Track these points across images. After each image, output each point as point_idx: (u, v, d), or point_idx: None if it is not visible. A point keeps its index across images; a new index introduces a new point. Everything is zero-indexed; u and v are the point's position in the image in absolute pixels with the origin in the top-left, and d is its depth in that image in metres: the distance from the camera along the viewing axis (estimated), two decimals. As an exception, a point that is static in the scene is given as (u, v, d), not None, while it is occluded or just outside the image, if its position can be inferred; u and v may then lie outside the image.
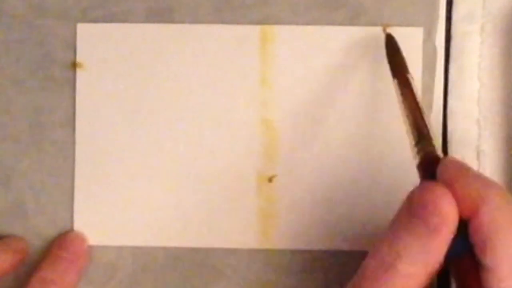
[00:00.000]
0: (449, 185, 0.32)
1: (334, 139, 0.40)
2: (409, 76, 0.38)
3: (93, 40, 0.41)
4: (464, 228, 0.31)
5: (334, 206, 0.40)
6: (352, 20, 0.41)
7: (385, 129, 0.40)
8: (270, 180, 0.41)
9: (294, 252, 0.41)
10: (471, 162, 0.40)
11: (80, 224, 0.41)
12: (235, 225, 0.41)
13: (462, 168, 0.32)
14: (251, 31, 0.41)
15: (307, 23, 0.41)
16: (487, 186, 0.31)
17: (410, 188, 0.40)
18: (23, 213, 0.41)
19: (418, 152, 0.35)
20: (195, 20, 0.41)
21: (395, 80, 0.38)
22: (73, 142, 0.41)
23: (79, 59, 0.41)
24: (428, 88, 0.40)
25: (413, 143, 0.35)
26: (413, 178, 0.40)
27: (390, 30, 0.40)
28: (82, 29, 0.41)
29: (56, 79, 0.41)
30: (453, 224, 0.31)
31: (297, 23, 0.41)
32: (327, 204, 0.40)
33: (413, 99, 0.37)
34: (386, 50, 0.39)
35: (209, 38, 0.41)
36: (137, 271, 0.41)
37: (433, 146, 0.35)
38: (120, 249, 0.41)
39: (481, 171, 0.40)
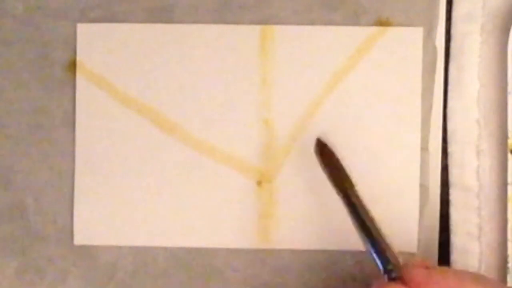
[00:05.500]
0: (426, 285, 0.34)
1: (334, 138, 0.40)
2: (353, 191, 0.37)
3: (93, 40, 0.41)
4: None
5: (334, 206, 0.40)
6: (352, 20, 0.41)
7: (386, 129, 0.40)
8: (269, 180, 0.41)
9: (294, 252, 0.41)
10: (471, 161, 0.40)
11: (80, 224, 0.41)
12: (235, 225, 0.41)
13: (428, 268, 0.34)
14: (251, 31, 0.41)
15: (307, 23, 0.41)
16: (461, 276, 0.34)
17: (409, 188, 0.40)
18: (23, 213, 0.41)
19: (384, 277, 0.35)
20: (195, 20, 0.41)
21: (341, 196, 0.37)
22: (73, 142, 0.41)
23: (79, 59, 0.41)
24: (429, 88, 0.40)
25: (378, 266, 0.36)
26: (413, 178, 0.40)
27: (390, 30, 0.40)
28: (82, 29, 0.41)
29: (56, 79, 0.41)
30: None
31: (297, 23, 0.41)
32: (327, 204, 0.40)
33: (362, 218, 0.36)
34: (319, 160, 0.38)
35: (209, 38, 0.41)
36: (137, 271, 0.41)
37: (396, 265, 0.35)
38: (120, 249, 0.41)
39: (480, 171, 0.40)
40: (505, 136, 0.40)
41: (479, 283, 0.33)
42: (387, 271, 0.35)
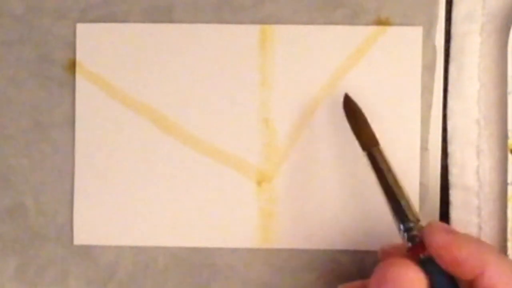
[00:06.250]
0: (446, 250, 0.33)
1: (334, 138, 0.40)
2: (378, 148, 0.37)
3: (93, 40, 0.41)
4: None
5: (334, 206, 0.40)
6: (352, 19, 0.41)
7: (385, 128, 0.40)
8: (269, 180, 0.41)
9: (294, 251, 0.41)
10: (471, 161, 0.40)
11: (80, 224, 0.41)
12: (235, 225, 0.41)
13: (450, 232, 0.34)
14: (251, 31, 0.41)
15: (307, 23, 0.41)
16: (482, 245, 0.34)
17: (409, 188, 0.40)
18: (23, 213, 0.41)
19: (404, 236, 0.36)
20: (195, 20, 0.41)
21: (365, 153, 0.38)
22: (73, 142, 0.41)
23: (78, 59, 0.41)
24: (428, 88, 0.40)
25: (397, 225, 0.36)
26: (413, 177, 0.40)
27: (390, 29, 0.40)
28: (82, 29, 0.41)
29: (56, 79, 0.41)
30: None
31: (297, 23, 0.41)
32: (327, 204, 0.40)
33: (386, 176, 0.37)
34: (346, 116, 0.39)
35: (209, 38, 0.41)
36: (137, 271, 0.41)
37: (416, 224, 0.35)
38: (120, 249, 0.41)
39: (480, 171, 0.40)
40: (505, 136, 0.40)
41: (500, 255, 0.33)
42: (405, 230, 0.35)
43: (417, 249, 0.35)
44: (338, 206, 0.40)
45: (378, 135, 0.39)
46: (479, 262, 0.33)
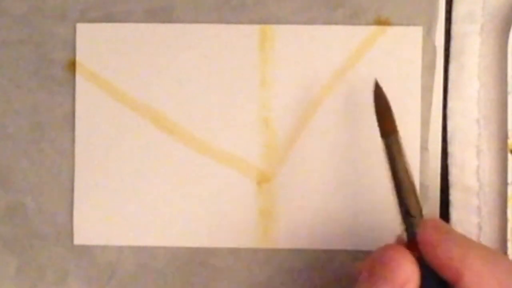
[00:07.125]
0: (431, 249, 0.33)
1: (334, 138, 0.40)
2: (398, 137, 0.37)
3: (93, 40, 0.41)
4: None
5: (334, 206, 0.40)
6: (352, 19, 0.41)
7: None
8: (269, 180, 0.41)
9: (294, 252, 0.41)
10: (471, 161, 0.40)
11: (80, 224, 0.41)
12: (235, 225, 0.41)
13: (442, 231, 0.33)
14: (251, 31, 0.41)
15: (307, 23, 0.41)
16: (468, 249, 0.32)
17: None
18: (23, 213, 0.41)
19: (403, 231, 0.35)
20: (195, 20, 0.41)
21: (383, 140, 0.37)
22: (73, 142, 0.41)
23: (78, 59, 0.41)
24: (428, 88, 0.40)
25: (400, 218, 0.35)
26: (413, 178, 0.40)
27: (390, 29, 0.40)
28: (82, 29, 0.41)
29: (56, 79, 0.41)
30: (417, 281, 0.32)
31: (296, 23, 0.41)
32: (327, 204, 0.40)
33: (395, 163, 0.36)
34: (374, 104, 0.38)
35: (209, 38, 0.41)
36: (137, 271, 0.41)
37: (418, 220, 0.35)
38: (120, 249, 0.41)
39: (480, 171, 0.40)
40: (505, 136, 0.40)
41: (485, 261, 0.32)
42: (406, 224, 0.35)
43: (415, 245, 0.34)
44: (338, 206, 0.40)
45: (378, 134, 0.39)
46: (459, 265, 0.32)
